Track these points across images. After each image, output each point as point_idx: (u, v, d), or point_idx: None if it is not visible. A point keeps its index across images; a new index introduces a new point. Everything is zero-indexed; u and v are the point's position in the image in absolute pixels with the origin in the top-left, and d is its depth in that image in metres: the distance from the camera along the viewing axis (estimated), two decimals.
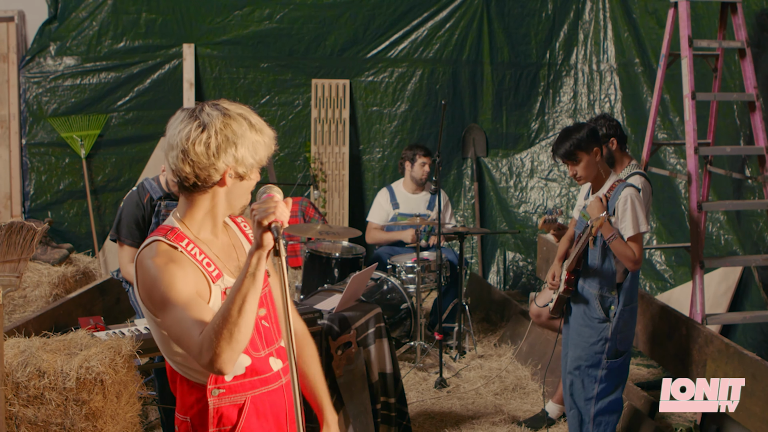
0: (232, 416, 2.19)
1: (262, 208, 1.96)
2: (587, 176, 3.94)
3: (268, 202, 1.98)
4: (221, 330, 1.94)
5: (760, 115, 4.91)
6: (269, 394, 2.24)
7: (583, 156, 3.89)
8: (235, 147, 2.11)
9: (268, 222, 1.94)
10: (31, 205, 7.29)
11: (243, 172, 2.15)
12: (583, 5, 7.36)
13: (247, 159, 2.13)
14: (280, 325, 2.30)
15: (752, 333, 5.11)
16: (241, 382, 2.19)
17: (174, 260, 2.12)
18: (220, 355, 1.95)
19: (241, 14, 7.31)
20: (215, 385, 2.17)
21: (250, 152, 2.13)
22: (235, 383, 2.18)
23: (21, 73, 7.21)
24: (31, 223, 3.60)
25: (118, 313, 5.45)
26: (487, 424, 4.81)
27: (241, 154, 2.12)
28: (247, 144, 2.12)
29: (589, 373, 3.96)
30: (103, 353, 3.37)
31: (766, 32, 5.14)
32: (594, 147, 3.90)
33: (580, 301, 3.99)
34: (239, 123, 2.12)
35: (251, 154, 2.13)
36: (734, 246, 5.55)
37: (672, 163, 6.20)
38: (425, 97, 7.49)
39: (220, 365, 1.97)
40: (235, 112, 2.13)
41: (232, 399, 2.19)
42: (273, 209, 1.95)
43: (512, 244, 7.57)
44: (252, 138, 2.13)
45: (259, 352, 2.21)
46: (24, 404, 3.33)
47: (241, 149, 2.11)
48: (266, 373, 2.23)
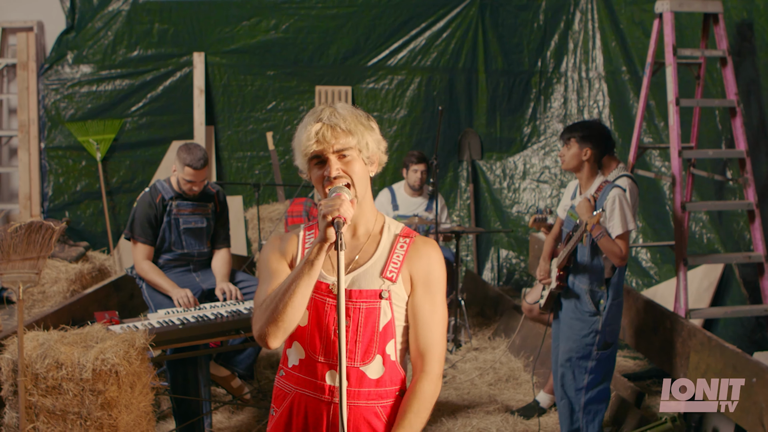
0: (279, 401, 2.18)
1: (329, 204, 1.96)
2: (568, 163, 4.03)
3: (335, 199, 1.97)
4: (269, 306, 2.00)
5: (740, 120, 4.91)
6: (315, 402, 2.11)
7: (575, 145, 3.99)
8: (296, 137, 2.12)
9: (331, 217, 1.94)
10: (50, 206, 7.29)
11: (303, 170, 2.15)
12: (573, 16, 7.35)
13: (298, 158, 2.13)
14: (371, 350, 2.09)
15: (733, 327, 5.11)
16: (293, 374, 2.14)
17: (281, 238, 2.20)
18: (263, 329, 2.00)
19: (248, 24, 7.31)
20: (282, 366, 2.19)
21: (298, 151, 2.11)
22: (291, 372, 2.15)
23: (40, 81, 7.21)
24: (50, 222, 3.59)
25: (132, 308, 5.45)
26: (481, 413, 4.81)
27: (296, 154, 2.13)
28: (295, 144, 2.12)
29: (579, 364, 3.96)
30: (118, 346, 3.37)
31: (747, 42, 5.14)
32: (586, 146, 3.95)
33: (571, 296, 3.99)
34: (307, 116, 2.12)
35: (299, 152, 2.10)
36: (716, 244, 5.55)
37: (657, 165, 6.20)
38: (423, 103, 7.48)
39: (265, 338, 2.00)
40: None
41: (284, 385, 2.17)
42: (338, 206, 1.95)
43: (506, 243, 7.56)
44: (297, 135, 2.11)
45: (317, 355, 2.10)
46: (43, 394, 3.33)
47: (296, 151, 2.12)
48: (317, 379, 2.10)
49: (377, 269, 2.10)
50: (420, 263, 2.11)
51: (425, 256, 2.12)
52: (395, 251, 2.12)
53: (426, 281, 2.11)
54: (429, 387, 2.09)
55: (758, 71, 5.04)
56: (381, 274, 2.10)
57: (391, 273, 2.10)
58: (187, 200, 4.45)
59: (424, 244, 2.14)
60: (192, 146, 4.33)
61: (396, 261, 2.11)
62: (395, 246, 2.13)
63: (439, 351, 2.12)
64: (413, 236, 2.16)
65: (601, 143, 3.99)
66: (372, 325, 2.08)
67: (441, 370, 2.13)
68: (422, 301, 2.11)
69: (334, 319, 2.07)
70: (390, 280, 2.09)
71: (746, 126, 5.01)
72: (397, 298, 2.10)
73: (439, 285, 2.12)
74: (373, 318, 2.07)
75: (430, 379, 2.10)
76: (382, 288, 2.08)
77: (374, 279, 2.09)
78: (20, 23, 7.25)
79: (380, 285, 2.09)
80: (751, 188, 4.86)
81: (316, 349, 2.09)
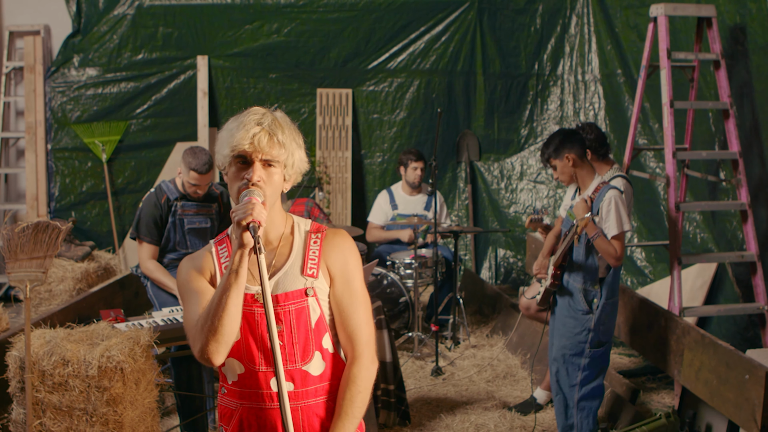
0: (226, 419, 2.12)
1: (242, 209, 1.91)
2: (563, 178, 4.03)
3: (246, 204, 1.92)
4: (205, 323, 1.93)
5: (733, 122, 4.91)
6: (265, 412, 2.07)
7: (557, 163, 4.00)
8: (217, 144, 2.08)
9: (245, 222, 1.90)
10: (56, 206, 7.29)
11: (220, 163, 2.07)
12: (569, 20, 7.36)
13: (218, 154, 2.06)
14: (309, 348, 2.08)
15: (726, 324, 5.12)
16: (236, 390, 2.09)
17: (195, 257, 2.14)
18: (205, 346, 1.93)
19: (251, 28, 7.31)
20: (222, 384, 2.13)
21: (220, 146, 2.05)
22: (232, 388, 2.10)
23: (47, 83, 7.21)
24: (56, 222, 3.59)
25: (137, 306, 5.45)
26: (479, 409, 4.81)
27: (217, 147, 2.07)
28: (221, 138, 2.06)
29: (573, 361, 3.97)
30: (123, 343, 3.38)
31: (740, 45, 5.14)
32: (565, 154, 3.95)
33: (565, 294, 4.00)
34: (229, 121, 2.07)
35: (221, 148, 2.04)
36: (709, 244, 5.55)
37: (652, 166, 6.20)
38: (422, 106, 7.48)
39: (208, 355, 1.94)
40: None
41: (228, 402, 2.12)
42: (251, 210, 1.90)
43: (503, 242, 7.57)
44: (229, 127, 2.05)
45: (257, 366, 2.05)
46: (49, 391, 3.34)
47: (220, 141, 2.06)
48: (262, 389, 2.06)
49: (297, 269, 2.09)
50: (335, 255, 2.11)
51: (338, 247, 2.12)
52: (310, 248, 2.11)
53: (343, 272, 2.11)
54: (360, 372, 2.08)
55: (751, 74, 5.04)
56: (302, 272, 2.09)
57: (311, 269, 2.09)
58: (191, 201, 4.46)
59: (335, 235, 2.14)
60: (198, 150, 4.33)
61: (313, 257, 2.10)
62: (309, 243, 2.12)
63: (366, 334, 2.11)
64: (323, 230, 2.15)
65: (574, 143, 3.98)
66: (304, 324, 2.07)
67: (372, 353, 2.12)
68: (342, 291, 2.10)
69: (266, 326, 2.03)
70: (312, 277, 2.09)
71: (739, 128, 5.01)
72: (321, 293, 2.09)
73: (356, 272, 2.13)
74: (304, 317, 2.06)
75: (361, 364, 2.09)
76: (306, 286, 2.07)
77: (296, 279, 2.08)
78: (27, 27, 7.26)
79: (303, 283, 2.08)
80: (743, 189, 4.86)
81: (255, 360, 2.05)
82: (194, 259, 2.14)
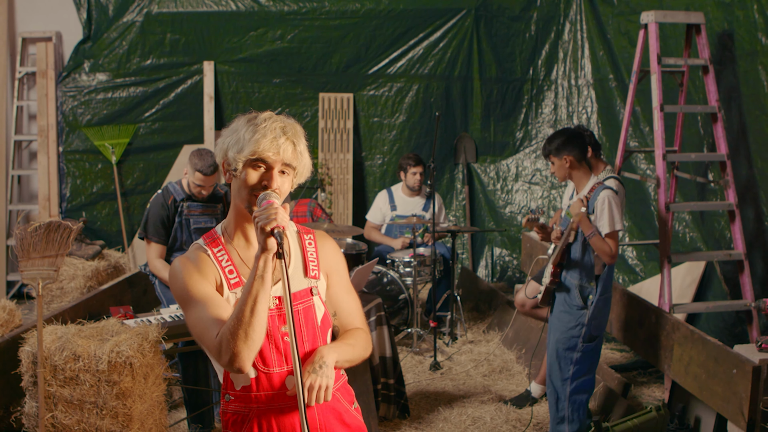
0: (237, 426, 2.05)
1: (264, 215, 1.85)
2: (558, 175, 4.09)
3: (268, 209, 1.86)
4: (236, 330, 1.84)
5: (721, 125, 4.91)
6: (284, 411, 2.03)
7: (555, 160, 4.05)
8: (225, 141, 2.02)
9: (270, 228, 1.84)
10: (68, 206, 7.29)
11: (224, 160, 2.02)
12: (563, 27, 7.35)
13: (230, 152, 2.00)
14: (317, 344, 2.08)
15: (714, 321, 5.12)
16: (248, 395, 2.03)
17: (193, 259, 2.02)
18: (238, 355, 1.85)
19: (255, 35, 7.31)
20: (227, 391, 2.07)
21: (233, 145, 1.99)
22: (242, 393, 2.03)
23: (58, 88, 7.21)
24: (68, 222, 3.59)
25: (145, 303, 5.45)
26: (476, 402, 4.81)
27: (227, 144, 2.01)
28: (234, 137, 1.99)
29: (565, 355, 3.97)
30: (132, 339, 3.38)
31: (727, 51, 5.14)
32: (564, 155, 3.98)
33: (562, 289, 4.01)
34: (240, 120, 2.03)
35: (234, 147, 1.98)
36: (698, 243, 5.55)
37: (642, 168, 6.20)
38: (421, 109, 7.48)
39: (240, 364, 1.86)
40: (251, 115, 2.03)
41: (238, 408, 2.05)
42: (274, 216, 1.85)
43: (499, 241, 7.56)
44: (241, 131, 1.98)
45: (270, 368, 2.01)
46: (61, 385, 3.33)
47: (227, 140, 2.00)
48: (279, 390, 2.02)
49: (299, 270, 2.10)
50: (329, 257, 2.18)
51: (329, 249, 2.19)
52: (306, 249, 2.13)
53: (336, 270, 2.19)
54: (363, 334, 2.19)
55: (738, 79, 5.04)
56: (305, 275, 2.10)
57: (313, 271, 2.12)
58: (197, 201, 4.46)
59: (322, 237, 2.20)
60: (204, 152, 4.32)
61: (313, 259, 2.13)
62: (304, 244, 2.14)
63: (361, 316, 2.24)
64: (312, 232, 2.18)
65: (575, 145, 3.99)
66: (312, 322, 2.08)
67: (368, 329, 2.25)
68: (338, 287, 2.19)
69: (278, 327, 2.02)
70: (315, 278, 2.12)
71: (727, 131, 5.01)
72: (322, 292, 2.15)
73: (344, 267, 2.22)
74: (311, 315, 2.08)
75: (365, 331, 2.21)
76: (311, 285, 2.10)
77: (301, 280, 2.09)
78: (39, 33, 7.26)
79: (308, 284, 2.10)
80: (731, 190, 4.86)
81: (269, 362, 2.01)
82: (190, 262, 2.02)
